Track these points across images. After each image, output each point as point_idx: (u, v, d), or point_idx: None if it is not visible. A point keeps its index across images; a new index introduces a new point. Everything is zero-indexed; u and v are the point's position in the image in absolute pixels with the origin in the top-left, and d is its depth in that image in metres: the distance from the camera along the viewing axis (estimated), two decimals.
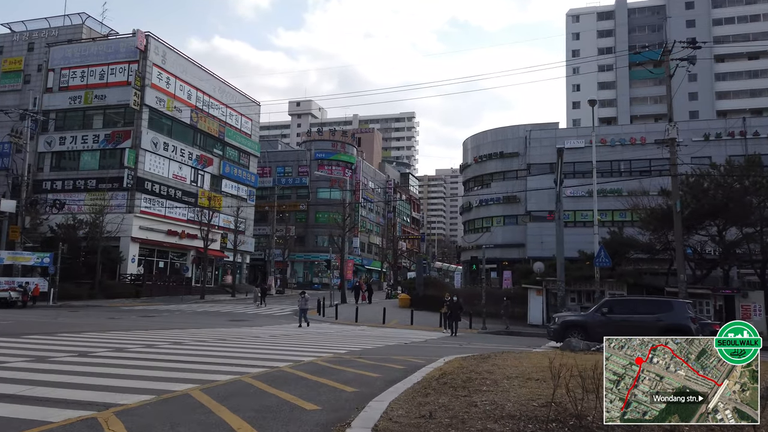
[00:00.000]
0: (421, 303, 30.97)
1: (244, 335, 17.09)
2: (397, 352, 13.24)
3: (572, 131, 45.51)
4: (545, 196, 39.14)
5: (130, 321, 23.47)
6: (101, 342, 13.66)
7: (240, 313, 31.23)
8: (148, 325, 20.38)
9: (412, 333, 22.52)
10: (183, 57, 48.50)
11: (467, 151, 52.85)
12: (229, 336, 16.63)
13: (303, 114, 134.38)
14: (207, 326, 21.09)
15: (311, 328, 22.22)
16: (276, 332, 19.04)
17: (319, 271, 71.12)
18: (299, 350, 13.17)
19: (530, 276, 27.06)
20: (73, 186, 44.22)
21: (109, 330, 17.50)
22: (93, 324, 20.40)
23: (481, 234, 47.44)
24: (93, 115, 45.42)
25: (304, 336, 18.04)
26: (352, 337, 18.45)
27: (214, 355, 11.70)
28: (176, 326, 20.30)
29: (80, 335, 15.46)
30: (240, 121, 56.79)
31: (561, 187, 20.22)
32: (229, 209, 52.19)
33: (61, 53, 46.91)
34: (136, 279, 41.58)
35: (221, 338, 15.46)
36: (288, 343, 15.40)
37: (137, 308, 33.18)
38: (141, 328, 18.16)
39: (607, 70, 73.20)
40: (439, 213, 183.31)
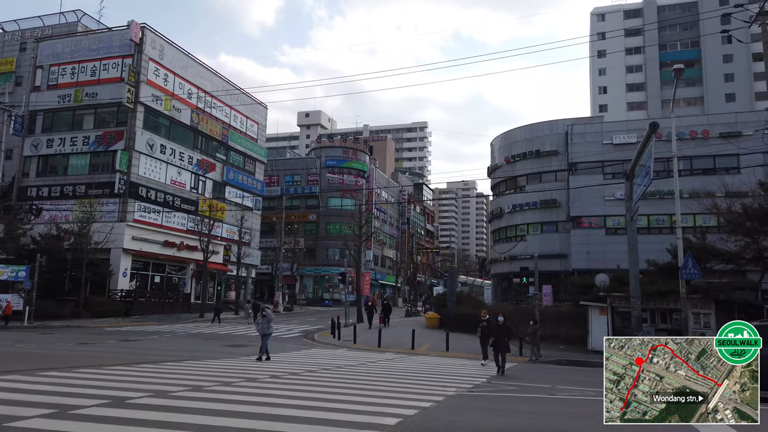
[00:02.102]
0: (453, 323, 26.32)
1: (231, 375, 12.44)
2: (480, 422, 8.59)
3: (621, 125, 40.54)
4: (592, 198, 34.76)
5: (101, 348, 19.01)
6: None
7: (240, 335, 26.70)
8: (113, 357, 15.89)
9: (452, 364, 17.88)
10: (182, 52, 44.54)
11: (495, 151, 47.96)
12: (211, 377, 12.02)
13: (312, 125, 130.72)
14: (194, 356, 16.57)
15: (322, 356, 17.66)
16: (280, 369, 14.41)
17: (331, 286, 66.54)
18: (309, 411, 8.61)
19: (591, 291, 22.35)
20: (61, 192, 40.10)
21: (42, 370, 12.98)
22: (35, 358, 15.96)
23: (514, 243, 42.57)
24: (83, 114, 41.41)
25: (315, 378, 13.41)
26: (381, 375, 13.85)
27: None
28: (151, 357, 15.79)
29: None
30: (245, 124, 52.70)
31: (647, 178, 15.64)
32: (233, 219, 47.91)
33: (50, 49, 43.10)
34: (127, 295, 37.20)
35: (195, 385, 10.68)
36: (296, 390, 10.82)
37: (123, 329, 28.77)
38: (91, 366, 13.17)
39: (636, 71, 68.74)
40: (451, 225, 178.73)
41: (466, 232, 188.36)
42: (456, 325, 26.19)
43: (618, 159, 35.77)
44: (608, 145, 37.95)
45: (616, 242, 36.73)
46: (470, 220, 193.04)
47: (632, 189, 20.04)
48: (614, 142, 37.54)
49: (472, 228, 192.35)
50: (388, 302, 29.99)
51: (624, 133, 38.04)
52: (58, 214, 38.58)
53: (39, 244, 35.06)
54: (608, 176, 37.71)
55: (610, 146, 37.72)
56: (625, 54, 69.31)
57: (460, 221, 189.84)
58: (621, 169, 35.97)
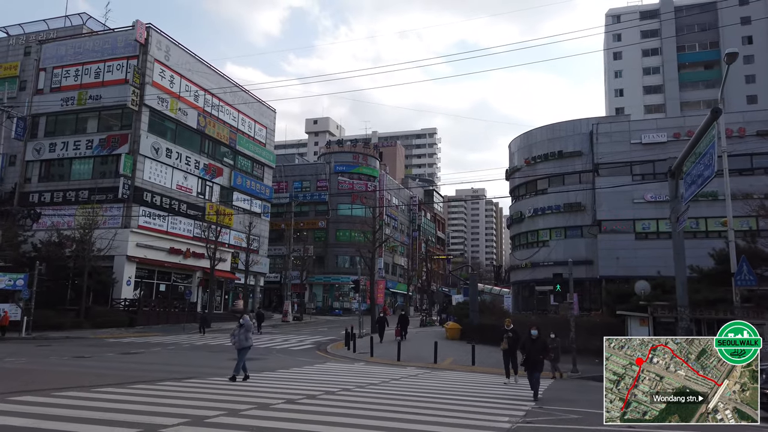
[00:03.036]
0: (475, 334, 24.55)
1: (238, 400, 10.74)
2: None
3: (650, 123, 38.45)
4: (620, 201, 32.87)
5: (96, 363, 17.42)
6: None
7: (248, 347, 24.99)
8: (107, 374, 14.31)
9: (484, 381, 16.16)
10: (189, 53, 43.24)
11: (514, 154, 46.04)
12: (214, 402, 10.34)
13: (320, 132, 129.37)
14: (197, 373, 14.97)
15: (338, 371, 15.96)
16: (294, 390, 12.73)
17: (341, 294, 64.86)
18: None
19: (629, 300, 20.54)
20: (63, 198, 38.75)
21: (16, 394, 11.37)
22: (17, 376, 14.44)
23: (536, 249, 40.58)
24: (87, 118, 40.12)
25: (336, 403, 11.71)
26: (410, 397, 12.14)
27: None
28: (149, 375, 14.19)
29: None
30: (253, 128, 51.31)
31: (708, 171, 13.88)
32: (240, 225, 46.43)
33: (53, 51, 41.96)
34: (131, 305, 35.67)
35: (194, 415, 9.03)
36: (317, 423, 9.15)
37: (125, 340, 27.20)
38: (78, 387, 11.62)
39: (653, 73, 66.83)
40: (461, 233, 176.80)
41: (476, 239, 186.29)
42: (479, 336, 24.42)
43: (647, 159, 33.93)
44: (637, 145, 35.99)
45: (648, 247, 34.91)
46: (480, 228, 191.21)
47: (677, 187, 18.27)
48: (643, 141, 35.50)
49: (481, 236, 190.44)
50: (405, 313, 27.60)
51: (654, 132, 36.06)
52: (60, 221, 37.23)
53: (40, 251, 33.69)
54: (637, 177, 35.82)
55: (639, 146, 35.77)
56: (642, 56, 67.49)
57: (469, 229, 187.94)
58: (651, 170, 34.25)
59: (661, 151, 31.74)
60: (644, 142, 35.43)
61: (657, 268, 28.38)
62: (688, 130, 33.62)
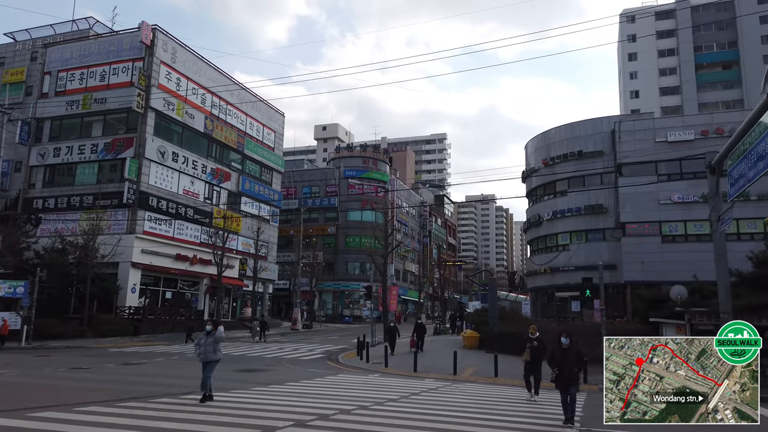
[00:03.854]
0: (495, 343, 23.16)
1: (242, 423, 9.51)
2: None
3: (676, 120, 36.87)
4: (645, 202, 31.40)
5: (93, 375, 16.28)
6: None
7: (256, 356, 23.82)
8: (101, 388, 13.16)
9: (511, 396, 14.82)
10: (196, 56, 42.37)
11: (530, 155, 44.65)
12: (213, 426, 9.17)
13: (329, 138, 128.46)
14: (198, 387, 13.72)
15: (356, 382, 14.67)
16: (306, 408, 11.44)
17: (351, 302, 63.62)
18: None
19: (663, 306, 19.11)
20: (68, 203, 37.86)
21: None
22: (4, 388, 13.33)
23: (555, 254, 39.05)
24: (92, 122, 39.31)
25: (354, 426, 10.42)
26: (436, 418, 10.83)
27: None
28: (146, 389, 12.99)
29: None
30: (262, 132, 50.34)
31: (761, 163, 12.50)
32: (249, 231, 45.34)
33: (58, 54, 41.25)
34: (136, 313, 34.61)
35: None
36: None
37: (128, 350, 26.10)
38: (60, 406, 10.32)
39: (669, 74, 65.29)
40: (471, 239, 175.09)
41: (486, 245, 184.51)
42: (499, 345, 23.02)
43: (674, 158, 32.43)
44: (662, 143, 34.42)
45: (675, 251, 33.24)
46: (490, 234, 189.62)
47: (718, 184, 16.88)
48: (669, 139, 33.99)
49: (492, 242, 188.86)
50: (421, 321, 24.94)
51: (680, 130, 34.53)
52: (64, 227, 36.34)
53: (42, 257, 32.79)
54: (662, 177, 34.27)
55: (664, 144, 34.22)
56: (658, 57, 66.06)
57: (479, 235, 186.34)
58: (677, 169, 32.73)
59: (688, 150, 30.32)
60: (670, 141, 33.89)
61: (685, 273, 26.87)
62: (716, 127, 32.19)
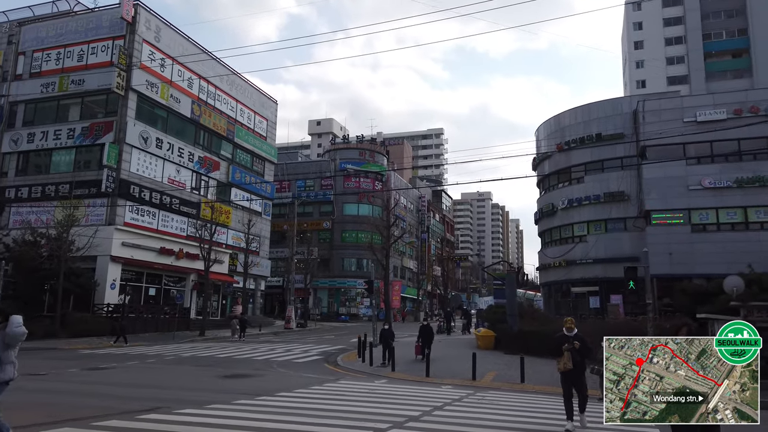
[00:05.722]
0: (514, 343, 20.63)
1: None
2: None
3: (706, 98, 34.37)
4: (672, 188, 28.90)
5: (45, 384, 13.59)
6: None
7: (244, 359, 21.14)
8: (39, 403, 10.51)
9: (550, 409, 12.23)
10: (182, 35, 39.56)
11: (541, 141, 42.34)
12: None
13: (324, 133, 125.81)
14: (167, 399, 11.15)
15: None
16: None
17: (347, 299, 60.99)
18: None
19: (714, 300, 16.58)
20: (42, 193, 35.04)
21: None
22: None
23: (571, 245, 36.43)
24: (69, 105, 36.49)
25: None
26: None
27: None
28: (97, 404, 10.38)
29: None
30: (253, 120, 47.58)
31: None
32: (239, 225, 42.61)
33: (33, 33, 38.42)
34: (115, 311, 31.83)
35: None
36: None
37: (102, 352, 23.38)
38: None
39: (677, 62, 62.95)
40: (467, 236, 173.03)
41: (482, 243, 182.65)
42: (518, 345, 20.47)
43: (704, 140, 29.89)
44: (691, 124, 31.72)
45: (707, 241, 30.66)
46: (486, 231, 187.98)
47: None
48: (698, 119, 31.42)
49: (488, 239, 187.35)
50: (427, 323, 20.22)
51: (710, 109, 31.91)
52: (38, 218, 33.49)
53: (12, 250, 29.97)
54: (691, 161, 31.77)
55: (693, 124, 31.53)
56: (665, 45, 63.73)
57: (475, 233, 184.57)
58: (708, 150, 30.20)
59: (721, 131, 27.78)
60: (699, 120, 31.30)
61: (718, 265, 24.50)
62: (751, 105, 29.70)
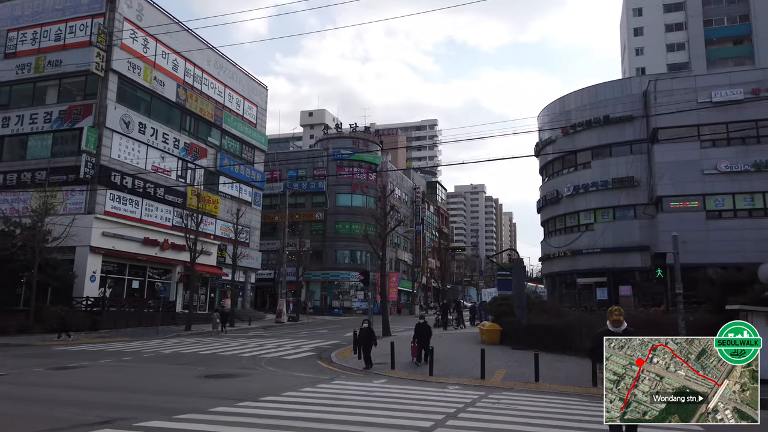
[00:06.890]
0: (523, 338, 19.11)
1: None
2: None
3: (722, 78, 32.50)
4: (685, 173, 27.44)
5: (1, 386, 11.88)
6: None
7: (230, 356, 19.49)
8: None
9: (579, 415, 10.67)
10: (166, 15, 37.55)
11: (544, 125, 40.62)
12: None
13: (316, 125, 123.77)
14: (136, 407, 9.55)
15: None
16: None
17: (340, 292, 59.37)
18: None
19: (747, 290, 15.08)
20: (18, 180, 33.14)
21: None
22: None
23: (577, 234, 34.91)
24: (46, 87, 34.54)
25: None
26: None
27: None
28: (47, 416, 8.73)
29: None
30: (242, 106, 45.71)
31: None
32: (228, 215, 40.80)
33: (8, 12, 36.28)
34: (95, 304, 30.07)
35: None
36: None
37: (76, 348, 21.64)
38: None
39: (678, 49, 61.58)
40: (460, 229, 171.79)
41: (476, 236, 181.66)
42: (527, 340, 18.94)
43: (719, 121, 28.43)
44: (705, 104, 30.08)
45: (723, 228, 29.61)
46: (479, 224, 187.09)
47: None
48: (713, 99, 29.86)
49: (481, 232, 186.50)
50: (424, 321, 17.49)
51: (726, 88, 30.33)
52: (13, 207, 31.55)
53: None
54: (706, 144, 30.26)
55: (708, 105, 29.91)
56: (666, 31, 62.31)
57: (469, 225, 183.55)
58: (724, 132, 28.69)
59: (737, 112, 26.33)
60: (714, 101, 29.76)
61: (735, 254, 23.19)
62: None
